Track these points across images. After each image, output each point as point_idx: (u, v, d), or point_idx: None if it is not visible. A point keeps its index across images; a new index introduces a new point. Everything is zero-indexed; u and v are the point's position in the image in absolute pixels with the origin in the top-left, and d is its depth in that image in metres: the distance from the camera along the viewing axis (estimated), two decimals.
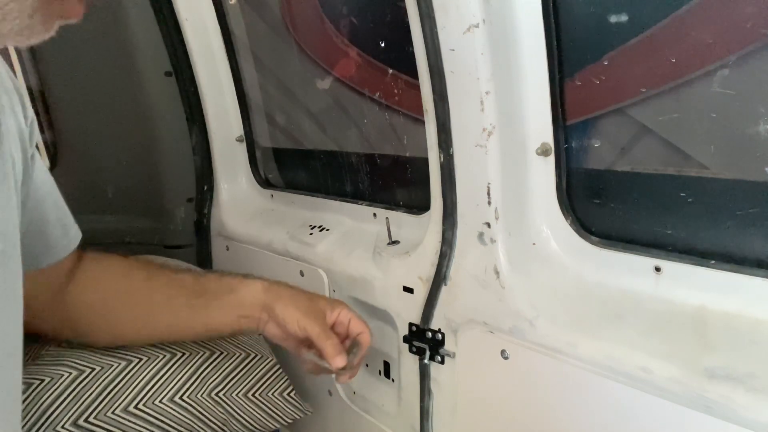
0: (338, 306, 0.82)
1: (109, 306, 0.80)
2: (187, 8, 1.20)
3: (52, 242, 0.71)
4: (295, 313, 0.78)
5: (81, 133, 1.38)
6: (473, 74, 0.68)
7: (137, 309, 0.81)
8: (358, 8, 0.96)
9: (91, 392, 0.78)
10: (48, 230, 0.70)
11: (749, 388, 0.53)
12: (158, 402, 0.82)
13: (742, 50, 0.55)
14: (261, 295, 0.80)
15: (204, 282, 0.82)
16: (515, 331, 0.72)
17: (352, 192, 1.10)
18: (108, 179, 1.40)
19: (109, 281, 0.80)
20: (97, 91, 1.32)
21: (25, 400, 0.76)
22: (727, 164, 0.60)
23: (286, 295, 0.80)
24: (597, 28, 0.66)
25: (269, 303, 0.79)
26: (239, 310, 0.80)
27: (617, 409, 0.62)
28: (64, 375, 0.78)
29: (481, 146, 0.71)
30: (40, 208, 0.67)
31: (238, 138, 1.33)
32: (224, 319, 0.81)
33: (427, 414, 0.87)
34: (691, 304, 0.62)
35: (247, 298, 0.80)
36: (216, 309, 0.80)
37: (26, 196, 0.64)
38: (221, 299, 0.80)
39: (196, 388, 0.85)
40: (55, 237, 0.71)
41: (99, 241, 1.38)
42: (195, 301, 0.80)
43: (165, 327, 0.82)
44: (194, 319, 0.81)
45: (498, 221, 0.73)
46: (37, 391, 0.76)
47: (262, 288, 0.80)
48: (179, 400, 0.83)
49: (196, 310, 0.80)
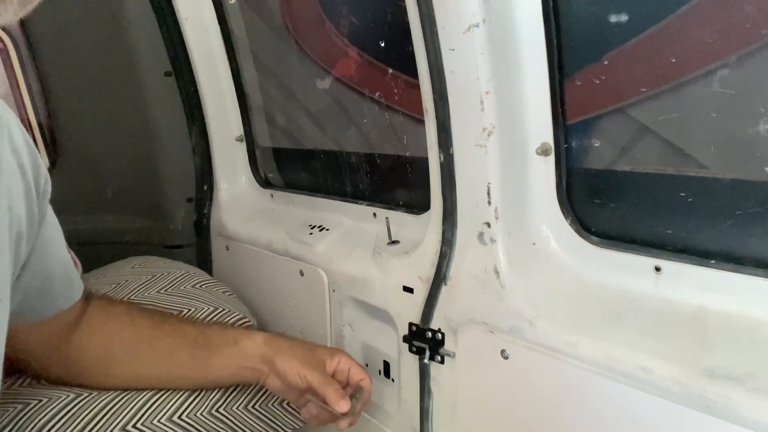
0: (337, 354, 0.83)
1: (112, 355, 0.81)
2: (187, 8, 1.21)
3: (56, 295, 0.73)
4: (294, 364, 0.79)
5: (81, 133, 1.38)
6: (473, 74, 0.68)
7: (140, 358, 0.81)
8: (358, 8, 0.96)
9: (89, 412, 0.77)
10: (52, 285, 0.72)
11: (749, 388, 0.53)
12: (157, 422, 0.81)
13: (742, 50, 0.55)
14: (262, 348, 0.81)
15: (208, 333, 0.83)
16: (515, 331, 0.72)
17: (352, 192, 1.10)
18: (108, 179, 1.40)
19: (113, 329, 0.81)
20: (97, 91, 1.32)
21: (21, 419, 0.75)
22: (727, 164, 0.60)
23: (286, 347, 0.81)
24: (597, 28, 0.66)
25: (269, 356, 0.80)
26: (241, 361, 0.81)
27: (617, 409, 0.62)
28: (62, 396, 0.78)
29: (481, 146, 0.71)
30: (45, 263, 0.69)
31: (238, 138, 1.33)
32: (225, 371, 0.82)
33: (427, 414, 0.87)
34: (691, 304, 0.62)
35: (249, 350, 0.81)
36: (218, 360, 0.81)
37: (32, 251, 0.65)
38: (223, 351, 0.82)
39: (196, 407, 0.85)
40: (59, 290, 0.73)
41: (99, 241, 1.39)
42: (198, 353, 0.81)
43: (166, 376, 0.83)
44: (196, 370, 0.82)
45: (498, 221, 0.73)
46: (34, 410, 0.76)
47: (263, 341, 0.82)
48: (178, 420, 0.83)
49: (198, 361, 0.81)
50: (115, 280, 1.07)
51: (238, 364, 0.82)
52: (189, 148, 1.34)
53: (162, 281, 1.06)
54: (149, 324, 0.83)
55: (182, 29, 1.22)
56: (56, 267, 0.71)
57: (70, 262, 0.76)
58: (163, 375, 0.83)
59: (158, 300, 1.00)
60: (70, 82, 1.34)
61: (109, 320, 0.81)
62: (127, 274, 1.10)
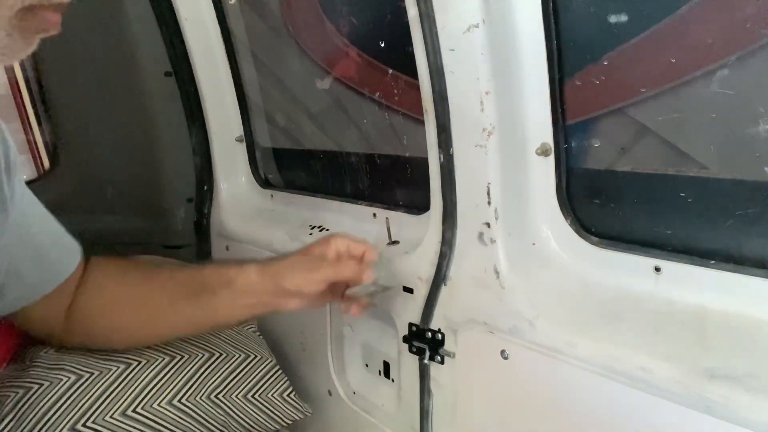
0: (331, 240, 0.80)
1: (112, 310, 0.81)
2: (187, 8, 1.20)
3: (54, 265, 0.73)
4: (303, 275, 0.76)
5: (81, 133, 1.38)
6: (473, 74, 0.68)
7: (139, 311, 0.81)
8: (358, 8, 0.96)
9: (90, 396, 0.78)
10: (46, 256, 0.72)
11: (749, 388, 0.53)
12: (157, 405, 0.82)
13: (742, 50, 0.55)
14: (259, 281, 0.78)
15: (200, 278, 0.81)
16: (515, 331, 0.72)
17: (352, 192, 1.10)
18: (108, 179, 1.40)
19: (110, 286, 0.81)
20: (97, 91, 1.32)
21: (23, 405, 0.76)
22: (727, 164, 0.60)
23: (283, 267, 0.78)
24: (597, 29, 0.66)
25: (271, 285, 0.77)
26: (242, 299, 0.79)
27: (617, 409, 0.62)
28: (63, 380, 0.78)
29: (481, 146, 0.71)
30: (30, 237, 0.69)
31: (238, 138, 1.33)
32: (231, 311, 0.80)
33: (427, 414, 0.87)
34: (691, 304, 0.62)
35: (246, 287, 0.78)
36: (218, 302, 0.79)
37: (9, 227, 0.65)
38: (221, 293, 0.79)
39: (195, 391, 0.85)
40: (55, 259, 0.74)
41: (99, 241, 1.38)
42: (196, 299, 0.80)
43: (167, 326, 0.82)
44: (199, 317, 0.81)
45: (498, 221, 0.73)
46: (36, 396, 0.76)
47: (256, 273, 0.78)
48: (178, 403, 0.83)
49: (198, 307, 0.80)
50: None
51: (239, 303, 0.79)
52: (189, 148, 1.34)
53: None
54: (142, 277, 0.82)
55: (182, 29, 1.22)
56: (43, 237, 0.71)
57: (61, 231, 0.75)
58: (165, 324, 0.82)
59: None
60: (70, 83, 1.34)
61: (105, 278, 0.81)
62: None
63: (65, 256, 0.76)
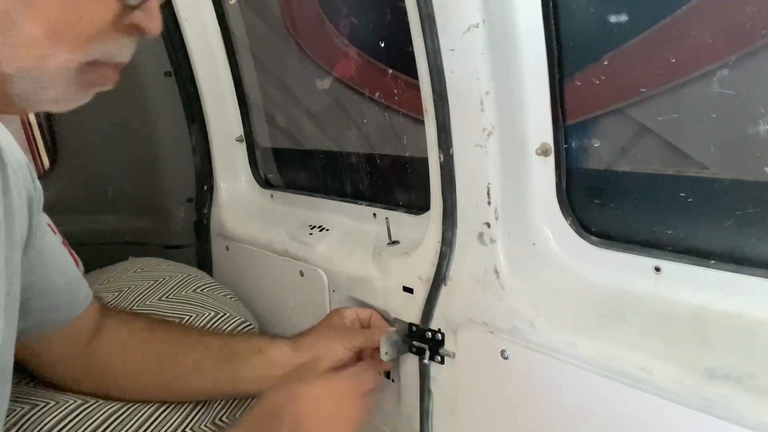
0: (343, 311, 0.90)
1: (137, 370, 0.81)
2: (187, 8, 1.20)
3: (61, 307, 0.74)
4: (337, 346, 0.84)
5: (81, 133, 1.38)
6: (473, 74, 0.68)
7: (165, 374, 0.81)
8: (358, 8, 0.96)
9: (94, 420, 0.77)
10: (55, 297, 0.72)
11: (749, 388, 0.53)
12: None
13: (742, 50, 0.55)
14: (292, 355, 0.83)
15: (232, 344, 0.84)
16: (515, 332, 0.72)
17: (352, 192, 1.10)
18: (108, 179, 1.40)
19: (136, 345, 0.81)
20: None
21: (28, 420, 0.75)
22: (726, 164, 0.60)
23: (316, 339, 0.85)
24: (597, 28, 0.66)
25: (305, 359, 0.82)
26: (270, 370, 0.82)
27: (617, 409, 0.62)
28: (69, 402, 0.78)
29: (481, 146, 0.71)
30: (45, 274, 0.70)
31: (238, 138, 1.33)
32: (256, 381, 0.82)
33: (427, 414, 0.87)
34: (691, 304, 0.62)
35: (278, 358, 0.83)
36: (246, 371, 0.82)
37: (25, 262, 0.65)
38: (250, 361, 0.82)
39: (200, 419, 0.85)
40: (63, 302, 0.73)
41: (99, 241, 1.39)
42: (224, 365, 0.81)
43: (193, 389, 0.83)
44: (224, 383, 0.82)
45: (498, 221, 0.73)
46: (41, 413, 0.76)
47: (289, 348, 0.84)
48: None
49: (226, 374, 0.82)
50: (118, 287, 1.07)
51: (267, 373, 0.82)
52: (189, 148, 1.34)
53: (162, 288, 1.06)
54: (171, 339, 0.83)
55: (182, 29, 1.22)
56: (56, 278, 0.71)
57: (75, 274, 0.76)
58: (190, 388, 0.82)
59: (159, 308, 1.00)
60: None
61: (131, 335, 0.82)
62: (130, 280, 1.10)
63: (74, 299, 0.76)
